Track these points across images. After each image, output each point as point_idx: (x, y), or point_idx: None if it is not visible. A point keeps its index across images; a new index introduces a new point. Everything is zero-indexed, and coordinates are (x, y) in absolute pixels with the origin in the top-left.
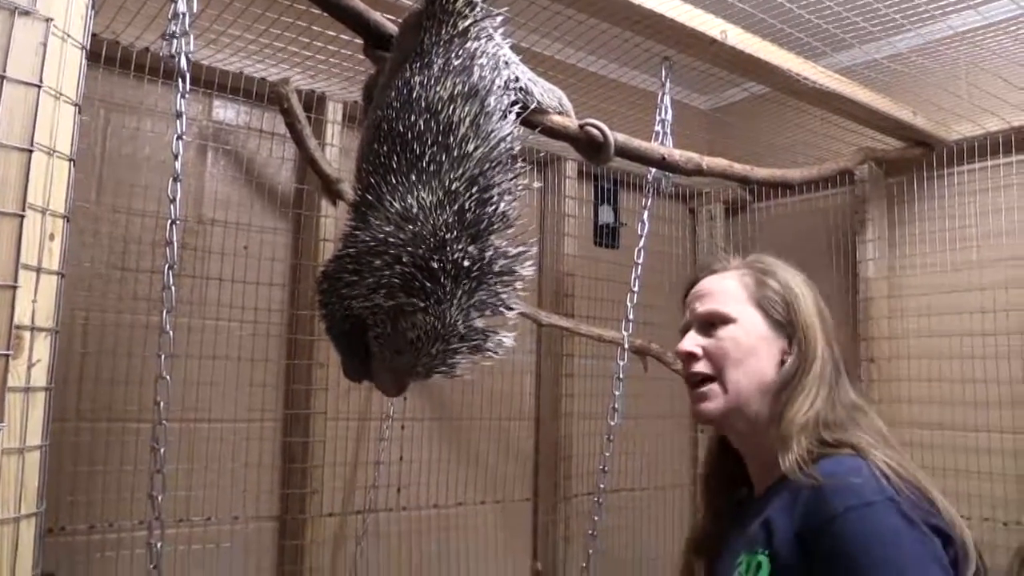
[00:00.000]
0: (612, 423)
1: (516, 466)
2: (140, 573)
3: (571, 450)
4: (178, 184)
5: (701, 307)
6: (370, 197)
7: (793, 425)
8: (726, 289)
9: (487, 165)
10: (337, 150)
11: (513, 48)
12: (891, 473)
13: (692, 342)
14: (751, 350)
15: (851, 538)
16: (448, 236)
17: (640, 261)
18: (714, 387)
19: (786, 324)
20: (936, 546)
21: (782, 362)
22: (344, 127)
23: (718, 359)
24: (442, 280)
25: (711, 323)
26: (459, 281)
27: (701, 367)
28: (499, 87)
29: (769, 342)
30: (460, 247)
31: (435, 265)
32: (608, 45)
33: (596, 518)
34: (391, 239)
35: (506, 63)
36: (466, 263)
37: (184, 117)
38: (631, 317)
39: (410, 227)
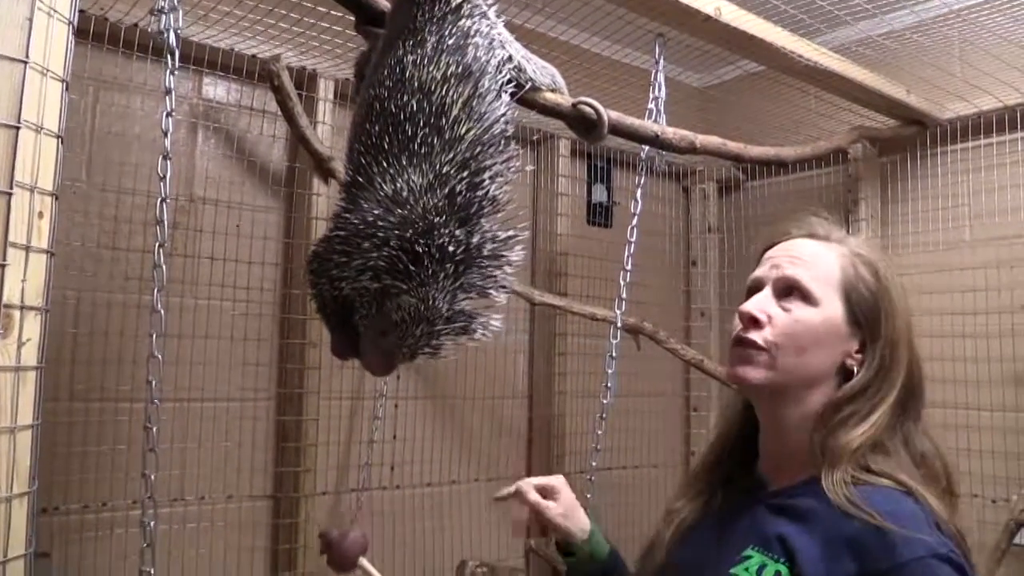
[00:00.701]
0: (605, 401)
1: (509, 444)
2: (134, 552)
3: (564, 428)
4: (168, 162)
5: (788, 270)
6: (361, 179)
7: (849, 447)
8: (822, 264)
9: (478, 148)
10: (329, 128)
11: (506, 25)
12: (944, 521)
13: (760, 307)
14: (818, 341)
15: None
16: (436, 220)
17: (633, 240)
18: (763, 356)
19: (865, 327)
20: None
21: (845, 365)
22: (336, 105)
23: (781, 336)
24: (426, 263)
25: (789, 292)
26: (443, 264)
27: (759, 337)
28: (494, 67)
29: (839, 338)
30: (447, 231)
31: (419, 249)
32: (601, 22)
33: (589, 496)
34: (380, 222)
35: (501, 43)
36: (451, 248)
37: (173, 94)
38: (624, 296)
39: (399, 211)
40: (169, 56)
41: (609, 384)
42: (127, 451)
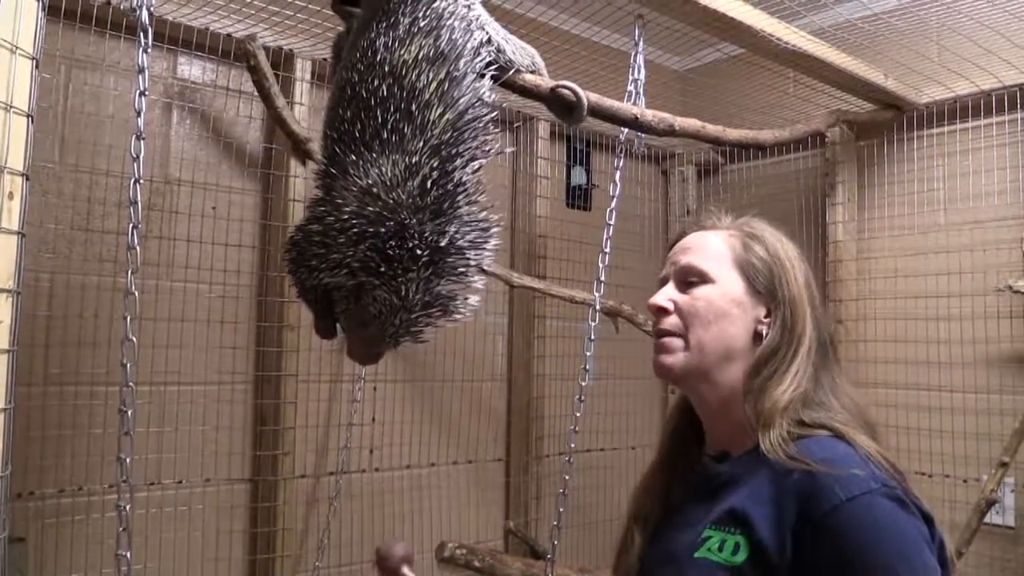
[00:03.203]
0: (583, 384)
1: (488, 427)
2: (111, 536)
3: (543, 411)
4: (141, 142)
5: (682, 260)
6: (335, 169)
7: (779, 405)
8: (711, 247)
9: (451, 133)
10: (306, 109)
11: (484, 5)
12: (878, 457)
13: (665, 296)
14: (723, 313)
15: (855, 528)
16: (408, 220)
17: (612, 223)
18: (677, 341)
19: (766, 294)
20: (926, 530)
21: (757, 332)
22: (313, 85)
23: (688, 317)
24: (395, 265)
25: (688, 279)
26: (416, 261)
27: (669, 323)
28: (471, 50)
29: (744, 308)
30: (418, 231)
31: (390, 252)
32: (581, 3)
33: (567, 477)
34: (354, 219)
35: (480, 24)
36: (418, 251)
37: (147, 72)
38: (603, 279)
39: (370, 208)
40: (142, 34)
41: (588, 366)
42: (103, 435)
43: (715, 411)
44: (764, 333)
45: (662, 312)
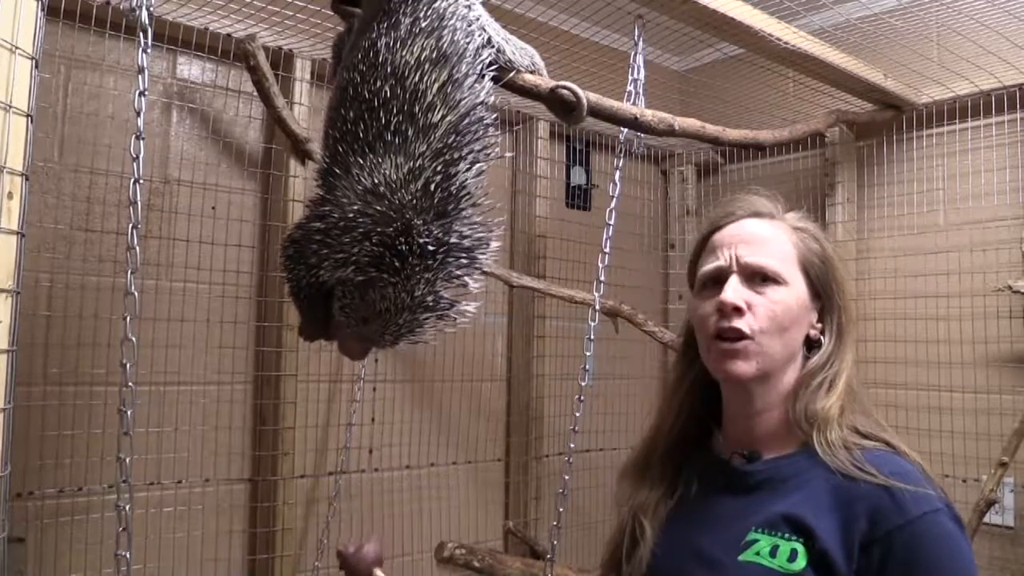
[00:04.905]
0: (583, 384)
1: (488, 427)
2: (110, 536)
3: (542, 411)
4: (141, 142)
5: (750, 257)
6: (338, 169)
7: (835, 409)
8: (778, 244)
9: (453, 136)
10: (306, 109)
11: (484, 5)
12: (932, 476)
13: (740, 296)
14: (796, 319)
15: (926, 544)
16: (414, 221)
17: (612, 223)
18: (753, 346)
19: (823, 297)
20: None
21: (809, 336)
22: (313, 85)
23: (763, 321)
24: (410, 260)
25: (755, 276)
26: (426, 259)
27: (744, 324)
28: (472, 51)
29: (806, 312)
30: (425, 229)
31: (402, 248)
32: (581, 2)
33: (566, 477)
34: (359, 218)
35: (480, 25)
36: (430, 247)
37: (146, 72)
38: (602, 279)
39: (376, 207)
40: (142, 34)
41: (587, 367)
42: (103, 435)
43: (757, 412)
44: (819, 339)
45: (738, 312)
